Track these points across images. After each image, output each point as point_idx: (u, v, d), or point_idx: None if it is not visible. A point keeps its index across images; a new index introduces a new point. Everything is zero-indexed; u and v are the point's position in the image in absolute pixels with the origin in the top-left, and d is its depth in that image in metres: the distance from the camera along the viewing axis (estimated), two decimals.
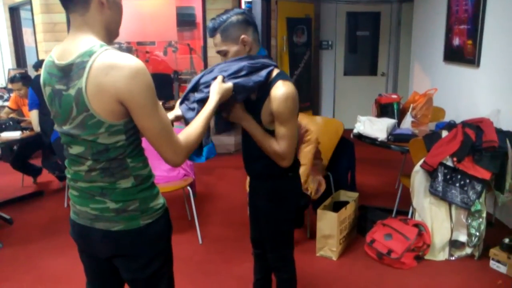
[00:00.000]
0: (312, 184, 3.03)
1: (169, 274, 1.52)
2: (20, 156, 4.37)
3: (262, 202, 1.93)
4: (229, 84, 1.62)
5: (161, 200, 1.44)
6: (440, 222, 2.97)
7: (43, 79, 1.35)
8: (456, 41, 4.32)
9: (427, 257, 2.99)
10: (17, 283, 2.82)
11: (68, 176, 1.41)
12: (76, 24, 1.28)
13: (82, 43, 1.24)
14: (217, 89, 1.59)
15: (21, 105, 4.53)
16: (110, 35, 1.33)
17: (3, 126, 3.87)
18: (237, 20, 1.68)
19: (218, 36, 1.70)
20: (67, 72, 1.24)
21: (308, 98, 6.69)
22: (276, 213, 1.90)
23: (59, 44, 1.32)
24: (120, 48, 6.74)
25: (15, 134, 3.83)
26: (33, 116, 3.92)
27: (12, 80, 4.32)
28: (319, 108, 7.36)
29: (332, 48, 7.07)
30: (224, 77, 1.63)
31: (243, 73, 1.65)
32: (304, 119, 3.28)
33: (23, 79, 4.25)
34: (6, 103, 4.68)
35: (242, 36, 1.69)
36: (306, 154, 3.02)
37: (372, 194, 4.19)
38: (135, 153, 1.34)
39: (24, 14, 6.38)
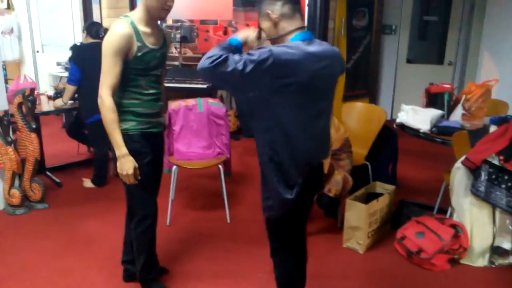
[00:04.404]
0: (334, 186, 2.88)
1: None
2: (74, 124, 4.62)
3: None
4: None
5: (126, 126, 2.09)
6: (481, 226, 2.72)
7: None
8: None
9: (463, 261, 2.76)
10: (52, 242, 3.01)
11: None
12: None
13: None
14: None
15: None
16: (149, 14, 2.05)
17: (59, 95, 4.12)
18: None
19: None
20: None
21: (365, 85, 6.39)
22: (263, 203, 1.82)
23: None
24: (182, 26, 6.86)
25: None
26: (68, 90, 3.80)
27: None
28: (377, 96, 7.00)
29: (395, 33, 6.67)
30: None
31: None
32: None
33: None
34: None
35: (267, 11, 1.67)
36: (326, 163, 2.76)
37: (415, 189, 3.93)
38: (120, 89, 2.07)
39: None
